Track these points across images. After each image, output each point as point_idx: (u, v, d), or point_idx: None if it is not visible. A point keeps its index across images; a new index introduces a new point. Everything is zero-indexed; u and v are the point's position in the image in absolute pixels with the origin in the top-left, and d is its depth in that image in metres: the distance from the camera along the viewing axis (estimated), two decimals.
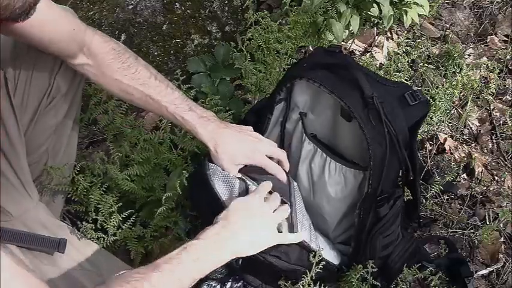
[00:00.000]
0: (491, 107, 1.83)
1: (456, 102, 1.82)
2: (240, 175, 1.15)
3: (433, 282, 1.26)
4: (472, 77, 1.78)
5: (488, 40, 2.05)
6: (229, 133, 1.14)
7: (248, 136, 1.18)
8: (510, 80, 1.91)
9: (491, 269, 1.42)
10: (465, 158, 1.66)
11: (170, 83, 1.18)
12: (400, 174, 1.17)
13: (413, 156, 1.15)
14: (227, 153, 1.13)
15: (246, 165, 1.16)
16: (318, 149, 1.22)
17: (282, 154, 1.20)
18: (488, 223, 1.51)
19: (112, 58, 1.12)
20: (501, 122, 1.79)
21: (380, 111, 1.04)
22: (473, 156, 1.65)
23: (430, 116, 1.70)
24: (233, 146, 1.14)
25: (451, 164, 1.64)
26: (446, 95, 1.72)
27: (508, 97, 1.87)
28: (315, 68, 1.15)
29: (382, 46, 1.98)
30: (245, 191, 1.10)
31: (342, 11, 1.69)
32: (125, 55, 1.14)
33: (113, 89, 1.16)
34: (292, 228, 1.07)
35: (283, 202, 1.10)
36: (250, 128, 1.22)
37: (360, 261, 1.18)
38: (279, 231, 1.07)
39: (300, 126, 1.26)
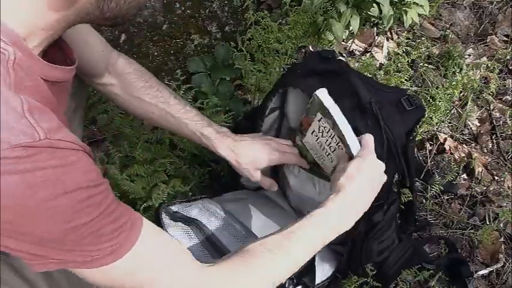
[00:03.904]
0: (491, 107, 1.83)
1: (456, 102, 1.82)
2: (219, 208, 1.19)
3: (432, 284, 1.26)
4: (472, 77, 1.78)
5: (488, 40, 2.05)
6: (244, 144, 1.18)
7: (261, 141, 1.21)
8: (510, 80, 1.91)
9: (491, 269, 1.42)
10: (465, 158, 1.66)
11: (186, 102, 1.22)
12: (397, 179, 1.17)
13: (409, 161, 1.14)
14: (248, 162, 1.17)
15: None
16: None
17: (288, 148, 1.22)
18: (488, 223, 1.51)
19: (135, 77, 1.16)
20: (501, 122, 1.79)
21: (378, 117, 1.03)
22: (473, 156, 1.65)
23: (430, 116, 1.70)
24: (251, 153, 1.17)
25: (451, 164, 1.64)
26: (446, 95, 1.72)
27: (508, 97, 1.87)
28: (309, 76, 1.13)
29: (382, 46, 1.98)
30: (203, 237, 1.12)
31: (342, 11, 1.69)
32: (147, 75, 1.18)
33: (134, 108, 1.19)
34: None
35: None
36: (260, 134, 1.27)
37: (354, 267, 1.17)
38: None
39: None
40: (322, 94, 0.99)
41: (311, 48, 1.84)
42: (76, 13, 0.70)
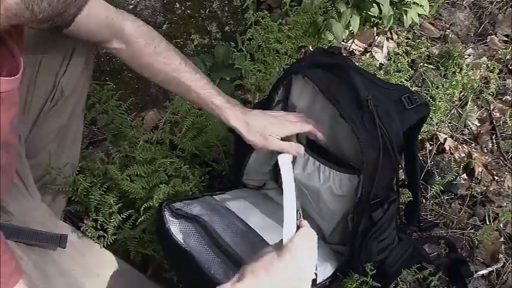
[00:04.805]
0: (491, 107, 1.83)
1: (456, 102, 1.82)
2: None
3: (432, 283, 1.26)
4: (472, 77, 1.78)
5: (488, 40, 2.05)
6: (255, 112, 1.18)
7: (274, 112, 1.20)
8: (510, 80, 1.91)
9: (491, 269, 1.42)
10: (465, 158, 1.66)
11: (198, 68, 1.20)
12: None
13: (414, 160, 1.14)
14: (257, 128, 1.15)
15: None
16: (310, 156, 1.22)
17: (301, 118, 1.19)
18: (488, 223, 1.51)
19: (144, 44, 1.14)
20: (501, 122, 1.79)
21: (374, 114, 1.02)
22: (473, 156, 1.65)
23: (430, 116, 1.70)
24: (261, 120, 1.16)
25: (451, 164, 1.64)
26: (446, 95, 1.72)
27: (508, 97, 1.87)
28: (312, 67, 1.14)
29: (382, 46, 1.98)
30: (205, 234, 1.11)
31: (342, 11, 1.69)
32: (156, 40, 1.16)
33: (144, 72, 1.18)
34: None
35: None
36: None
37: (355, 266, 1.17)
38: None
39: None
40: (282, 160, 0.93)
41: (311, 48, 1.84)
42: (2, 14, 0.64)
